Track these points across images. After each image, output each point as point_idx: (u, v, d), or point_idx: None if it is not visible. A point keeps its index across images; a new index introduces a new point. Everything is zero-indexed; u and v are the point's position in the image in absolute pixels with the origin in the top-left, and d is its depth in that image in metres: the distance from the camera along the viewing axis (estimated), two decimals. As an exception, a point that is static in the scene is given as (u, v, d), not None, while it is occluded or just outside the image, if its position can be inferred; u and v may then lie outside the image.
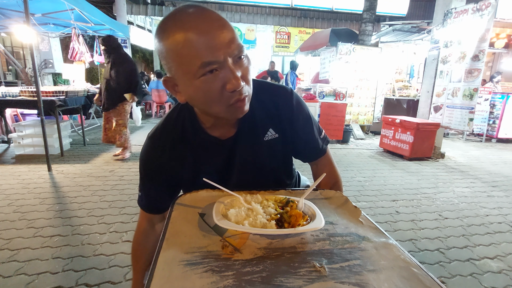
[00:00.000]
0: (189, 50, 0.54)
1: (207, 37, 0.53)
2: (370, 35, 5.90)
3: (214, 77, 0.56)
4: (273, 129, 0.77)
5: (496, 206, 2.57)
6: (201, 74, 0.55)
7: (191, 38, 0.53)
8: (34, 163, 3.30)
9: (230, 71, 0.56)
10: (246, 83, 0.60)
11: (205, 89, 0.57)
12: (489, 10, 3.41)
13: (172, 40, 0.55)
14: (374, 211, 2.37)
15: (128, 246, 1.73)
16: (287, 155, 0.86)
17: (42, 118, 2.95)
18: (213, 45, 0.54)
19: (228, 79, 0.56)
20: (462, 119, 3.80)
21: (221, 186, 0.71)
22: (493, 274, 1.61)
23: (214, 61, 0.54)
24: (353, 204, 0.75)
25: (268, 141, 0.78)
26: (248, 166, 0.79)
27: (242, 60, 0.59)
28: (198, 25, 0.54)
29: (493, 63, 9.09)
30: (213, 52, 0.54)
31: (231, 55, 0.56)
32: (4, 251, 1.64)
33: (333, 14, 9.60)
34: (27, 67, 6.17)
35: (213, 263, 0.49)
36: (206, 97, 0.59)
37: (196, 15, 0.54)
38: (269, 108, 0.76)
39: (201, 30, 0.53)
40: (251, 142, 0.76)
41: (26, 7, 2.67)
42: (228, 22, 0.57)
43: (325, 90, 5.13)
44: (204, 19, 0.54)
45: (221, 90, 0.58)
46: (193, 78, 0.56)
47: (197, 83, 0.57)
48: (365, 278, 0.47)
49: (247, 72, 0.60)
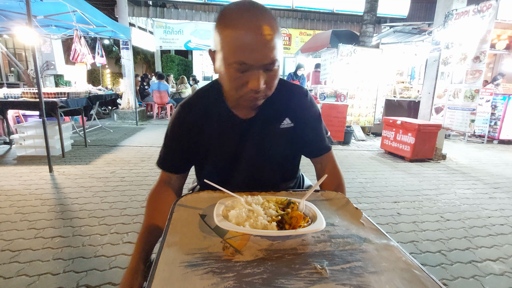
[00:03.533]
0: (234, 44, 0.64)
1: (252, 43, 0.63)
2: (371, 37, 5.90)
3: (242, 73, 0.66)
4: (289, 118, 0.86)
5: (498, 207, 2.56)
6: (234, 66, 0.65)
7: (240, 36, 0.63)
8: (35, 164, 3.31)
9: (256, 75, 0.66)
10: (268, 87, 0.70)
11: (231, 76, 0.68)
12: (490, 12, 3.40)
13: (228, 28, 0.64)
14: (375, 213, 2.36)
15: (129, 247, 1.73)
16: (297, 147, 0.92)
17: (44, 120, 2.96)
18: (253, 51, 0.63)
19: (252, 80, 0.67)
20: (464, 120, 3.79)
21: (223, 188, 0.71)
22: (495, 276, 1.60)
23: (247, 63, 0.64)
24: (354, 205, 0.74)
25: (283, 129, 0.85)
26: (260, 150, 0.85)
27: (272, 70, 0.68)
28: (251, 30, 0.62)
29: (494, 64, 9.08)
30: (250, 57, 0.64)
31: (263, 63, 0.65)
32: (5, 252, 1.64)
33: (334, 16, 9.61)
34: (29, 69, 6.20)
35: (214, 265, 0.49)
36: (230, 82, 0.69)
37: (255, 21, 0.63)
38: (287, 101, 0.86)
39: (250, 35, 0.62)
40: (267, 127, 0.84)
41: (28, 9, 2.68)
42: (277, 35, 0.66)
43: (326, 92, 5.13)
44: (257, 27, 0.63)
45: (240, 84, 0.68)
46: (227, 63, 0.66)
47: (228, 68, 0.67)
48: (366, 280, 0.46)
49: (273, 79, 0.70)
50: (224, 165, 0.87)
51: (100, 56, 5.44)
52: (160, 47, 9.08)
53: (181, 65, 13.92)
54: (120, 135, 5.24)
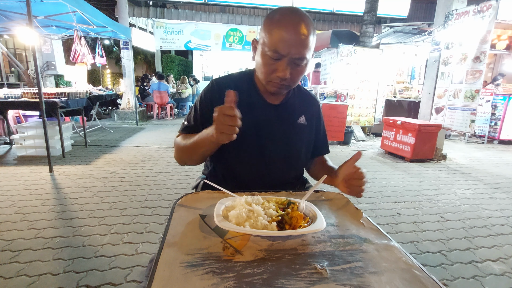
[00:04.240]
0: (274, 36, 0.77)
1: (289, 39, 0.75)
2: (371, 37, 5.90)
3: (274, 61, 0.79)
4: (305, 117, 0.98)
5: (498, 208, 2.56)
6: (269, 53, 0.78)
7: (281, 33, 0.76)
8: (35, 164, 3.31)
9: (284, 65, 0.78)
10: (292, 80, 0.82)
11: (264, 62, 0.81)
12: (490, 12, 3.40)
13: (272, 23, 0.78)
14: (375, 213, 2.36)
15: (129, 247, 1.73)
16: (309, 145, 1.01)
17: (44, 120, 2.96)
18: (287, 44, 0.76)
19: (280, 68, 0.79)
20: (464, 120, 3.79)
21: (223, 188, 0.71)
22: (496, 277, 1.60)
23: (279, 53, 0.77)
24: (354, 206, 0.74)
25: (298, 125, 0.97)
26: (277, 137, 0.93)
27: (300, 66, 0.80)
28: (291, 29, 0.75)
29: (494, 64, 9.08)
30: (284, 48, 0.76)
31: (292, 57, 0.78)
32: (6, 252, 1.64)
33: (334, 16, 9.61)
34: (30, 69, 6.20)
35: (214, 265, 0.49)
36: (262, 66, 0.82)
37: (297, 22, 0.76)
38: (305, 102, 1.00)
39: (290, 33, 0.75)
40: (286, 118, 0.95)
41: (28, 10, 2.68)
42: (311, 37, 0.78)
43: (326, 92, 5.13)
44: (295, 26, 0.76)
45: (271, 71, 0.81)
46: (264, 51, 0.79)
47: (264, 55, 0.80)
48: (366, 280, 0.46)
49: (297, 74, 0.82)
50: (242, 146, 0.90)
51: (100, 56, 5.44)
52: (160, 47, 9.08)
53: (181, 65, 13.93)
54: (120, 135, 5.25)
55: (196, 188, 1.06)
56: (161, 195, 2.54)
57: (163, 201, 2.43)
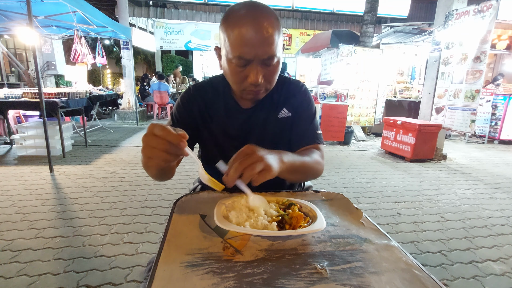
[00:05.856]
0: (234, 40, 0.68)
1: (249, 38, 0.67)
2: (371, 37, 5.90)
3: (242, 68, 0.72)
4: (287, 108, 0.91)
5: (499, 208, 2.56)
6: (234, 61, 0.71)
7: (241, 35, 0.67)
8: (36, 164, 3.31)
9: (254, 70, 0.71)
10: (267, 82, 0.75)
11: (233, 71, 0.73)
12: (490, 12, 3.40)
13: (229, 25, 0.69)
14: (375, 213, 2.36)
15: (129, 247, 1.73)
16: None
17: (44, 120, 2.96)
18: (250, 46, 0.67)
19: (251, 74, 0.72)
20: (464, 120, 3.79)
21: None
22: (496, 277, 1.60)
23: (245, 58, 0.69)
24: (354, 205, 0.74)
25: (281, 119, 0.90)
26: (261, 139, 0.89)
27: (271, 65, 0.73)
28: (250, 27, 0.67)
29: (494, 64, 9.07)
30: (248, 52, 0.68)
31: (261, 58, 0.69)
32: (6, 252, 1.64)
33: (334, 16, 9.61)
34: (30, 69, 6.20)
35: (214, 265, 0.49)
36: (232, 76, 0.75)
37: (254, 19, 0.67)
38: (286, 93, 0.91)
39: (248, 31, 0.67)
40: (266, 116, 0.89)
41: (29, 10, 2.68)
42: (275, 32, 0.69)
43: (326, 92, 5.13)
44: (255, 24, 0.67)
45: (241, 79, 0.74)
46: (228, 59, 0.72)
47: (230, 64, 0.73)
48: (366, 280, 0.46)
49: (272, 74, 0.75)
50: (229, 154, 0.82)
51: (101, 56, 5.44)
52: (160, 47, 9.09)
53: (182, 65, 13.93)
54: (121, 135, 5.25)
55: (193, 190, 1.05)
56: (161, 195, 2.54)
57: (163, 201, 2.43)
